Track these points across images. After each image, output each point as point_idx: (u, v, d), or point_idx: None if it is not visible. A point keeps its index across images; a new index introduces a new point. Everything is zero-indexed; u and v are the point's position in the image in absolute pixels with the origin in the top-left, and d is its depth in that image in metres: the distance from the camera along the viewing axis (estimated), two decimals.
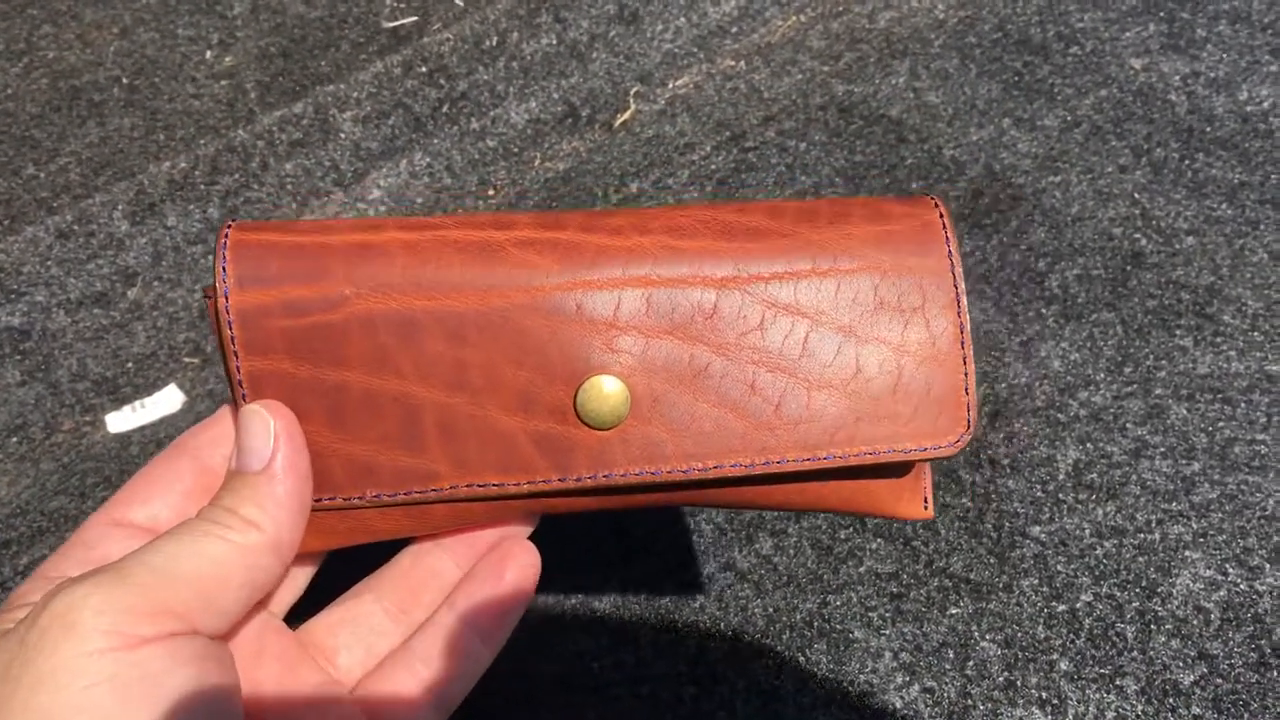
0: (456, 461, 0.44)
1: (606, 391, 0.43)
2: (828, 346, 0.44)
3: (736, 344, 0.44)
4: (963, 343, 0.45)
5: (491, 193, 1.09)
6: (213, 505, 0.40)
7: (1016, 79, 1.14)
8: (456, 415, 0.43)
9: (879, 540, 0.77)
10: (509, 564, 0.49)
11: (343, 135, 1.07)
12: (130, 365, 0.95)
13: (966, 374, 0.45)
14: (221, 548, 0.38)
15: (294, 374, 0.42)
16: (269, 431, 0.41)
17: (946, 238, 0.45)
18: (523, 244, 0.43)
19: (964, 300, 0.45)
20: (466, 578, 0.49)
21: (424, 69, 1.11)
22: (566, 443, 0.44)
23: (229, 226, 0.43)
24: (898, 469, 0.48)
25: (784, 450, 0.44)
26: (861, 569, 0.76)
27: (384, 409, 0.43)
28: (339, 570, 0.52)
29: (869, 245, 0.45)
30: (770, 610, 0.75)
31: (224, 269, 0.42)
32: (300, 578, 0.49)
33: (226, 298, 0.41)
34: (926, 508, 0.49)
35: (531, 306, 0.43)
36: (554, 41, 1.16)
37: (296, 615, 0.50)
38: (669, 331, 0.44)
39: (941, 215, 0.46)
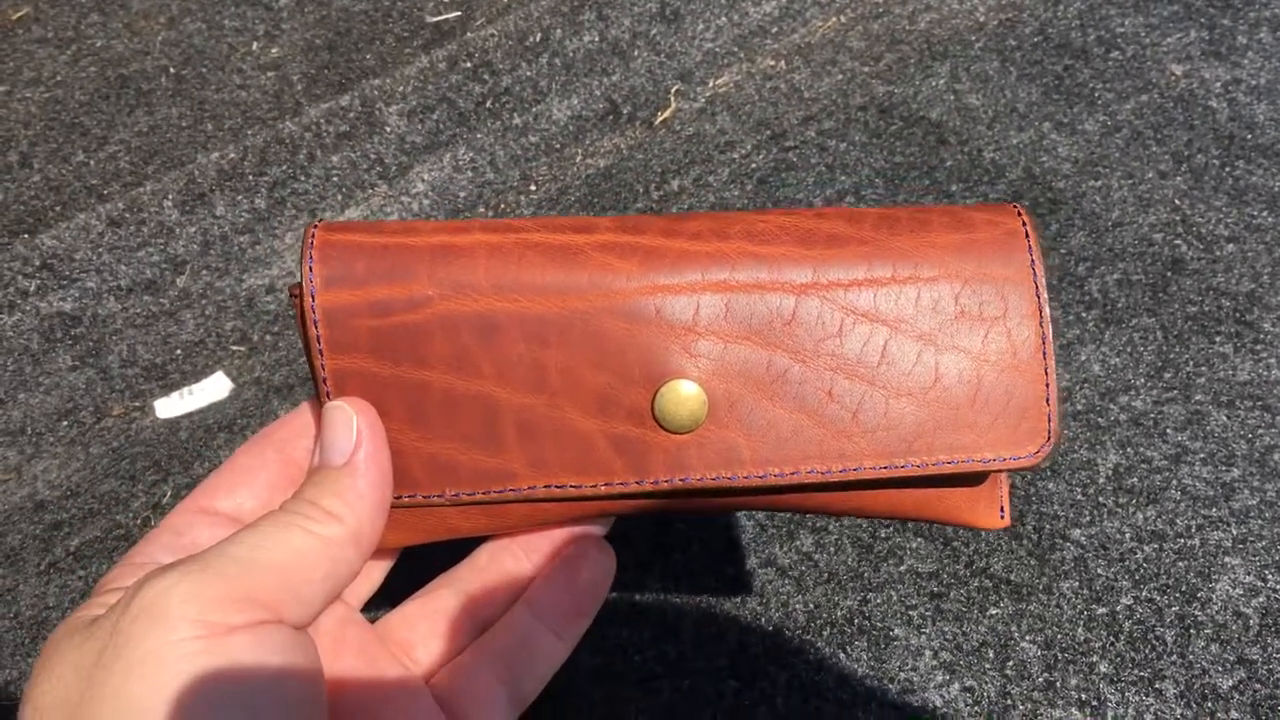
0: (534, 462, 0.44)
1: (684, 395, 0.43)
2: (907, 354, 0.44)
3: (815, 350, 0.44)
4: (1045, 353, 0.44)
5: (533, 188, 1.10)
6: (296, 498, 0.41)
7: (1057, 83, 1.15)
8: (535, 416, 0.44)
9: (919, 540, 0.78)
10: (584, 563, 0.49)
11: (388, 129, 1.09)
12: (179, 352, 0.97)
13: (1048, 384, 0.44)
14: (304, 539, 0.39)
15: (377, 372, 0.43)
16: (352, 427, 0.42)
17: (1029, 246, 0.45)
18: (603, 248, 0.44)
19: (1046, 310, 0.44)
20: (543, 576, 0.49)
21: (468, 64, 1.12)
22: (643, 445, 0.44)
23: (315, 226, 0.44)
24: (975, 478, 0.48)
25: (861, 458, 0.44)
26: (902, 568, 0.77)
27: (464, 409, 0.43)
28: (415, 565, 0.53)
29: (950, 253, 0.44)
30: (811, 606, 0.76)
31: (310, 269, 0.42)
32: (377, 572, 0.50)
33: (313, 297, 0.42)
34: (1003, 517, 0.49)
35: (611, 310, 0.43)
36: (596, 39, 1.17)
37: (373, 609, 0.51)
38: (747, 337, 0.44)
39: (1025, 224, 0.45)
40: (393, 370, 0.43)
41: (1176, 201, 1.01)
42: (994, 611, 0.74)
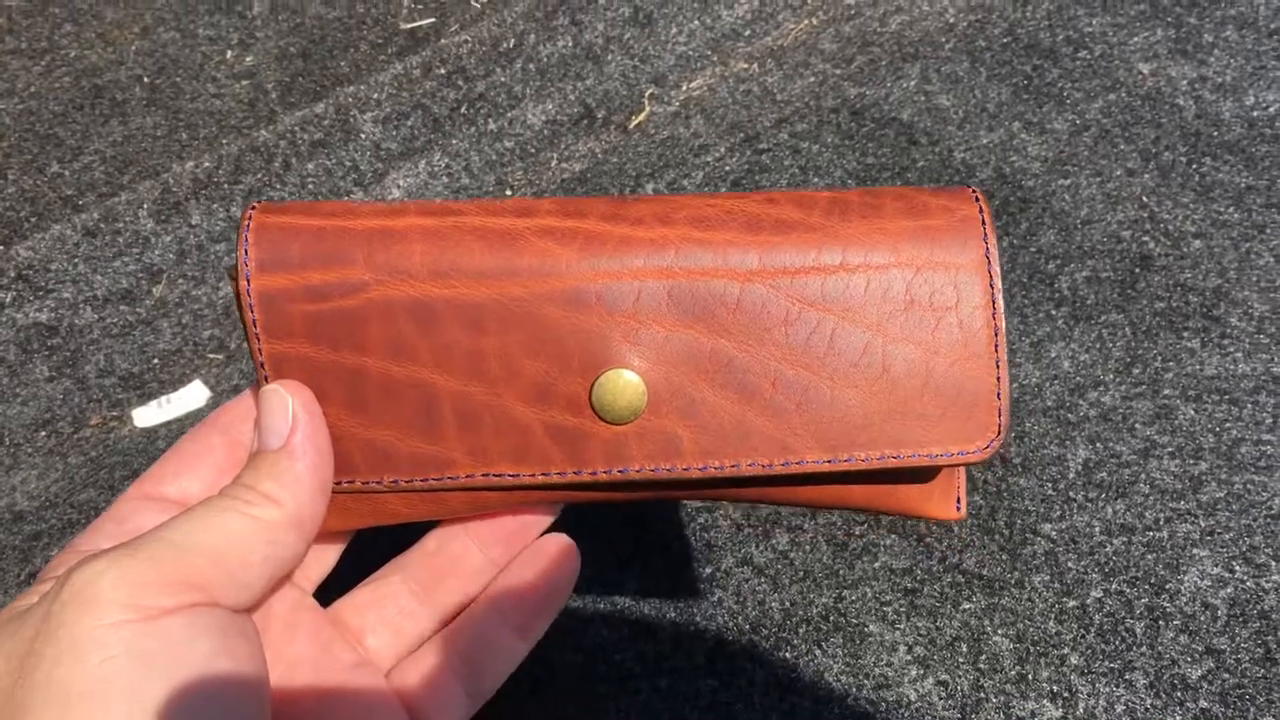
0: (472, 450, 0.44)
1: (623, 384, 0.43)
2: (854, 344, 0.43)
3: (760, 339, 0.43)
4: (997, 344, 0.43)
5: (509, 193, 1.11)
6: (234, 483, 0.41)
7: (1026, 83, 1.16)
8: (473, 404, 0.43)
9: (893, 537, 0.79)
10: (546, 561, 0.49)
11: (363, 136, 1.09)
12: (156, 361, 0.97)
13: (999, 377, 0.43)
14: (241, 522, 0.39)
15: (314, 357, 0.43)
16: (288, 410, 0.42)
17: (985, 234, 0.44)
18: (543, 232, 0.43)
19: (1000, 300, 0.44)
20: (504, 571, 0.50)
21: (442, 70, 1.13)
22: (581, 435, 0.44)
23: (253, 208, 0.43)
24: (924, 473, 0.47)
25: (805, 451, 0.43)
26: (876, 564, 0.78)
27: (402, 395, 0.43)
28: (365, 549, 0.53)
29: (903, 239, 0.43)
30: (787, 604, 0.77)
31: (246, 252, 0.42)
32: (330, 554, 0.50)
33: (249, 281, 0.42)
34: (959, 509, 0.48)
35: (550, 296, 0.42)
36: (570, 44, 1.17)
37: (326, 596, 0.51)
38: (690, 325, 0.43)
39: (981, 209, 0.44)
40: (330, 355, 0.43)
41: (1144, 199, 1.02)
42: (967, 606, 0.75)
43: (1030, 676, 0.72)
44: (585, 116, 1.16)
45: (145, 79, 1.19)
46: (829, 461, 0.43)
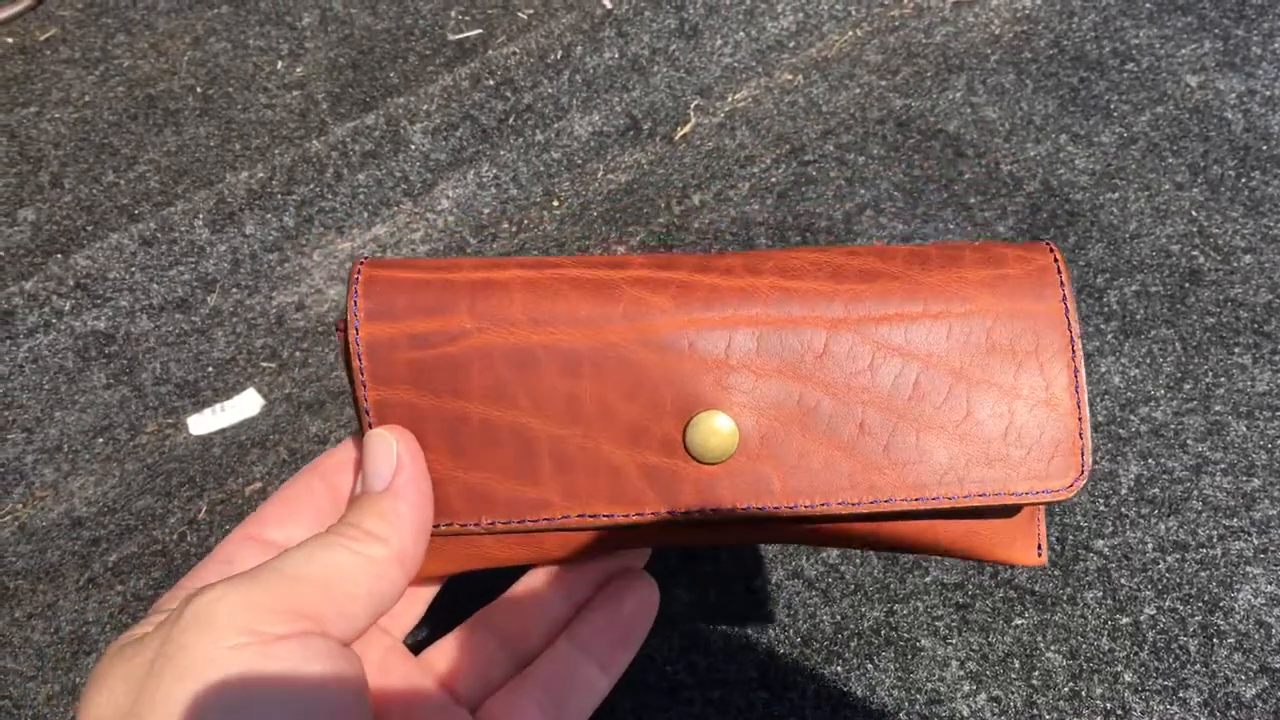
0: (568, 491, 0.45)
1: (716, 427, 0.44)
2: (938, 388, 0.44)
3: (846, 384, 0.44)
4: (1077, 387, 0.44)
5: (556, 204, 1.12)
6: (340, 522, 0.42)
7: (1072, 95, 1.16)
8: (570, 447, 0.44)
9: None
10: (628, 595, 0.50)
11: (413, 146, 1.10)
12: (210, 369, 0.98)
13: (1081, 419, 0.44)
14: (348, 557, 0.40)
15: (417, 403, 0.44)
16: (392, 453, 0.43)
17: (1061, 282, 0.45)
18: (637, 282, 0.44)
19: (1079, 346, 0.44)
20: (587, 607, 0.50)
21: (490, 82, 1.14)
22: (674, 476, 0.44)
23: (362, 263, 0.45)
24: (1008, 511, 0.48)
25: (891, 490, 0.44)
26: (927, 579, 0.78)
27: (501, 439, 0.44)
28: (453, 599, 0.54)
29: (982, 289, 0.45)
30: (838, 618, 0.77)
31: (355, 304, 0.43)
32: (418, 604, 0.51)
33: (357, 330, 0.43)
34: (1040, 554, 0.49)
35: (644, 343, 0.44)
36: (617, 55, 1.18)
37: (414, 643, 0.52)
38: (779, 371, 0.44)
39: (1056, 260, 0.46)
40: (432, 401, 0.44)
41: (1193, 213, 1.02)
42: (1019, 622, 0.76)
43: (1084, 694, 0.72)
44: (631, 128, 1.17)
45: (198, 89, 1.20)
46: (916, 500, 0.44)
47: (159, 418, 0.96)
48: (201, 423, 0.95)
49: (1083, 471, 0.44)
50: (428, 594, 0.52)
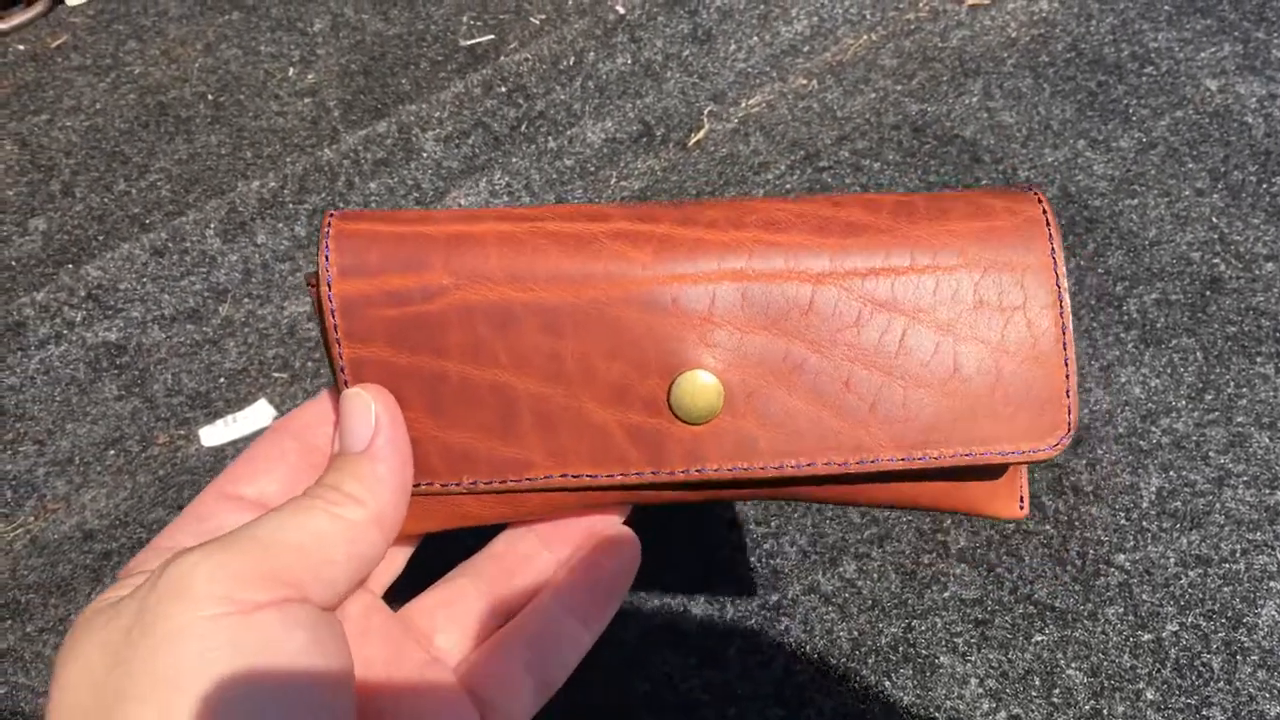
0: (551, 452, 0.44)
1: (700, 385, 0.43)
2: (925, 344, 0.44)
3: (832, 340, 0.43)
4: (1065, 343, 0.44)
5: None
6: (317, 484, 0.41)
7: (1090, 99, 1.15)
8: (552, 406, 0.44)
9: (962, 565, 0.78)
10: (610, 551, 0.50)
11: (425, 154, 1.09)
12: (222, 380, 0.98)
13: (1068, 375, 0.44)
14: (327, 521, 0.39)
15: (394, 362, 0.43)
16: (370, 414, 0.42)
17: (1050, 234, 0.44)
18: (617, 236, 0.43)
19: (1066, 298, 0.43)
20: (568, 561, 0.50)
21: (503, 88, 1.13)
22: (659, 436, 0.44)
23: (332, 215, 0.44)
24: (994, 471, 0.48)
25: (879, 449, 0.44)
26: (945, 594, 0.77)
27: (481, 398, 0.44)
28: (432, 554, 0.53)
29: (969, 241, 0.44)
30: (855, 634, 0.76)
31: (327, 258, 0.42)
32: (398, 558, 0.51)
33: (330, 286, 0.42)
34: (1022, 507, 0.48)
35: (626, 299, 0.43)
36: (629, 61, 1.17)
37: (394, 598, 0.51)
38: (764, 327, 0.43)
39: (1045, 210, 0.45)
40: (410, 359, 0.43)
41: (1214, 219, 1.01)
42: (1039, 638, 0.75)
43: (1105, 712, 0.71)
44: (645, 134, 1.16)
45: (209, 96, 1.20)
46: (903, 460, 0.44)
47: (171, 429, 0.96)
48: (214, 434, 0.95)
49: (1069, 430, 0.44)
50: (406, 550, 0.51)
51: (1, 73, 1.25)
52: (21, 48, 1.29)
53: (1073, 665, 0.73)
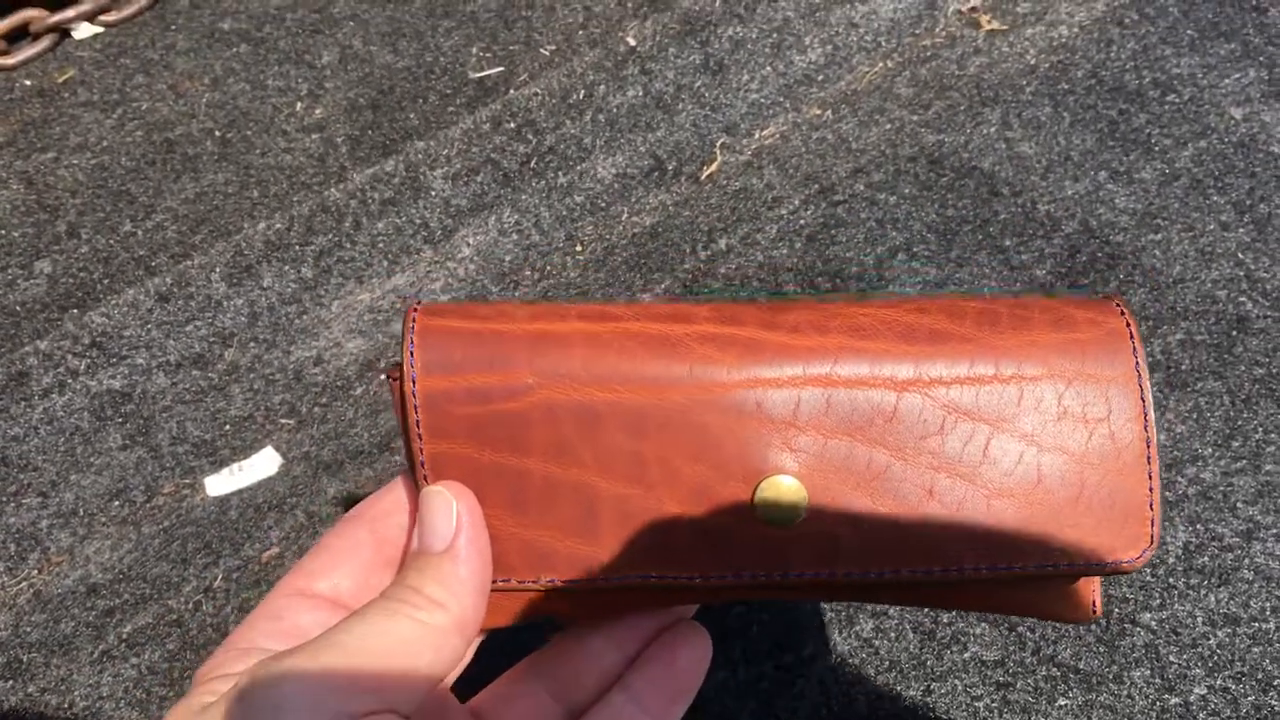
0: (631, 552, 0.44)
1: (784, 489, 0.43)
2: (1009, 454, 0.44)
3: (916, 448, 0.44)
4: (1149, 456, 0.44)
5: (579, 249, 1.09)
6: (398, 584, 0.41)
7: (1112, 128, 1.12)
8: (632, 507, 0.44)
9: (983, 626, 0.76)
10: (682, 646, 0.49)
11: (433, 193, 1.08)
12: (228, 427, 0.97)
13: (1152, 488, 0.44)
14: (410, 627, 0.39)
15: (476, 459, 0.44)
16: (452, 512, 0.42)
17: (1134, 347, 0.45)
18: (702, 339, 0.44)
19: (1151, 413, 0.44)
20: (640, 659, 0.49)
21: (511, 124, 1.12)
22: (741, 539, 0.44)
23: (416, 310, 0.44)
24: (1074, 578, 0.47)
25: (961, 558, 0.44)
26: (966, 655, 0.75)
27: (563, 497, 0.44)
28: (496, 642, 0.52)
29: (1053, 352, 0.44)
30: (873, 697, 0.74)
31: (412, 354, 0.43)
32: (468, 651, 0.50)
33: (414, 382, 0.43)
34: (1095, 610, 0.48)
35: (710, 403, 0.43)
36: (640, 93, 1.16)
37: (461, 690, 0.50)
38: (848, 433, 0.44)
39: (1128, 323, 0.45)
40: (492, 456, 0.44)
41: (1240, 255, 0.98)
42: (1063, 702, 0.72)
43: None
44: (656, 168, 1.14)
45: (216, 132, 1.19)
46: (986, 569, 0.44)
47: (176, 478, 0.94)
48: (219, 483, 0.94)
49: (1152, 542, 0.44)
50: (475, 640, 0.50)
51: (8, 109, 1.25)
52: (28, 83, 1.28)
53: None
